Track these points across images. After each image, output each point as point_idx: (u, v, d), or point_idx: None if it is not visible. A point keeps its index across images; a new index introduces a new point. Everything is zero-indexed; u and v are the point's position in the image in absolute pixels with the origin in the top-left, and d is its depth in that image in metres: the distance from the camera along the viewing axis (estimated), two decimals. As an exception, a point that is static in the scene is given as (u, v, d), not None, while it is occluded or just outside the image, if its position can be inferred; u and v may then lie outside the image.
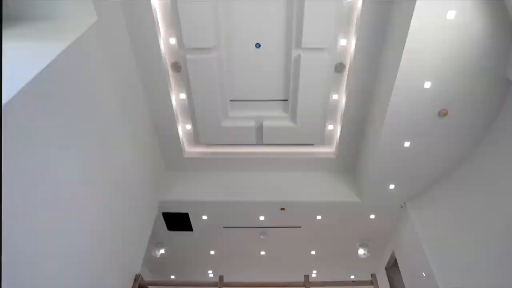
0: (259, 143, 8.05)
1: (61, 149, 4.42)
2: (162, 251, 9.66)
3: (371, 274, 6.98)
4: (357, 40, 6.31)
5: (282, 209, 8.27)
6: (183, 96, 7.29)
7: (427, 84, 5.73)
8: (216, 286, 6.95)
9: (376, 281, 6.81)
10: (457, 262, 6.43)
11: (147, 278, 9.44)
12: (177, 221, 8.77)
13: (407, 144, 6.60)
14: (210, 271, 11.13)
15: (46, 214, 4.16)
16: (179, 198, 8.24)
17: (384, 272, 9.68)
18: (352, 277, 10.83)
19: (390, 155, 6.82)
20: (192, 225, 8.90)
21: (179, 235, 9.30)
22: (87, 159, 5.07)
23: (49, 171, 4.18)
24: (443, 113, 6.03)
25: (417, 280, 7.44)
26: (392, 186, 7.58)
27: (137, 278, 6.75)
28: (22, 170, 3.69)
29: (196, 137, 7.95)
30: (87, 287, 5.14)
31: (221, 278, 7.03)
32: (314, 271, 11.03)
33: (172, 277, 11.20)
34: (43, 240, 4.11)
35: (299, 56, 6.54)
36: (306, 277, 7.12)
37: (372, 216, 8.57)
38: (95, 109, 5.26)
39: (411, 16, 5.02)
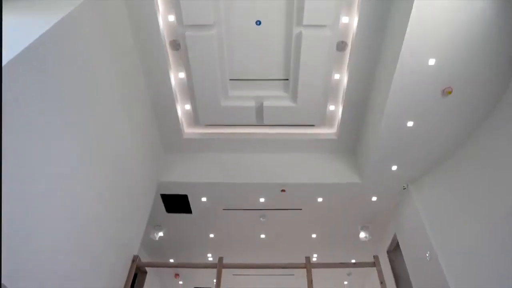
0: (260, 123, 7.94)
1: (58, 127, 4.36)
2: (160, 234, 9.59)
3: (374, 256, 6.90)
4: (359, 17, 6.16)
5: (283, 190, 8.18)
6: (182, 75, 7.16)
7: (432, 61, 5.60)
8: (215, 267, 6.87)
9: (379, 262, 6.73)
10: (460, 243, 6.36)
11: (145, 261, 9.42)
12: (176, 203, 8.69)
13: (410, 123, 6.48)
14: (209, 255, 11.08)
15: (44, 197, 4.12)
16: (178, 179, 8.15)
17: (385, 255, 9.61)
18: (353, 261, 10.80)
19: (393, 135, 6.71)
20: (191, 207, 8.83)
21: (178, 218, 9.24)
22: (84, 139, 5.00)
23: (46, 152, 4.14)
24: (447, 91, 5.90)
25: (419, 263, 7.38)
26: (394, 167, 7.49)
27: (135, 259, 6.71)
28: (21, 151, 3.69)
29: (196, 117, 7.84)
30: (86, 267, 5.10)
31: (220, 259, 6.95)
32: (315, 255, 10.97)
33: (171, 260, 11.15)
34: (42, 222, 4.07)
35: (300, 33, 6.41)
36: (307, 258, 7.03)
37: (374, 198, 8.50)
38: (92, 86, 5.16)
39: (416, -10, 4.89)
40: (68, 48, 4.49)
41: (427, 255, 6.90)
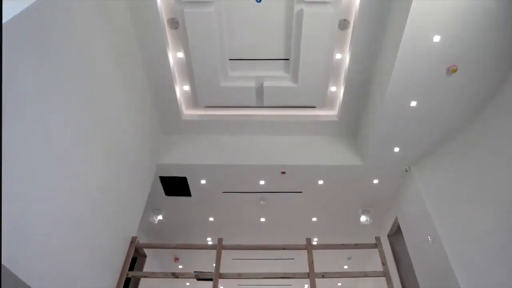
0: (260, 105, 7.81)
1: (55, 109, 4.32)
2: (160, 217, 9.51)
3: (375, 237, 6.83)
4: (362, -7, 6.01)
5: (283, 172, 8.07)
6: (180, 54, 7.01)
7: (436, 38, 5.46)
8: (215, 248, 6.79)
9: (381, 243, 6.65)
10: (463, 225, 6.30)
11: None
12: (175, 186, 8.60)
13: (413, 103, 6.36)
14: (209, 239, 11.01)
15: (42, 180, 4.10)
16: (177, 161, 8.05)
17: (386, 239, 9.54)
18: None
19: (395, 115, 6.59)
20: (191, 190, 8.74)
21: (177, 201, 9.16)
22: (81, 119, 4.91)
23: (43, 135, 4.11)
24: (452, 70, 5.77)
25: (421, 246, 7.32)
26: (396, 149, 7.38)
27: (134, 240, 6.63)
28: (18, 138, 3.69)
29: (194, 99, 7.70)
30: (85, 248, 5.04)
31: (220, 240, 6.88)
32: (315, 239, 10.89)
33: (171, 244, 11.10)
34: (40, 205, 4.05)
35: (301, 10, 6.24)
36: (308, 239, 6.96)
37: (376, 181, 8.40)
38: (87, 65, 5.06)
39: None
40: (63, 22, 4.39)
41: (429, 237, 6.83)
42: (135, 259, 10.07)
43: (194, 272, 8.20)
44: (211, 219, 10.07)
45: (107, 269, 5.85)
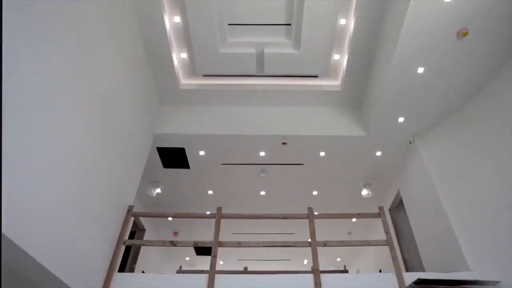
0: (260, 73, 7.60)
1: (50, 73, 4.18)
2: (158, 190, 9.32)
3: (379, 207, 6.65)
4: (369, -48, 5.76)
5: (284, 143, 7.86)
6: (177, 19, 6.75)
7: (447, -2, 5.23)
8: (214, 217, 6.63)
9: (384, 213, 6.47)
10: (468, 196, 6.18)
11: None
12: (173, 157, 8.40)
13: (420, 70, 6.14)
14: (208, 212, 10.84)
15: (41, 149, 4.03)
16: (175, 131, 7.83)
17: (388, 213, 9.39)
18: (354, 220, 10.64)
19: (401, 82, 6.38)
20: (189, 162, 8.55)
21: (176, 173, 8.99)
22: (76, 86, 4.73)
23: (40, 99, 4.00)
24: (462, 33, 5.54)
25: (424, 218, 7.21)
26: (401, 119, 7.18)
27: (131, 209, 6.46)
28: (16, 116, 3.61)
29: (192, 67, 7.49)
30: (83, 216, 4.94)
31: (219, 209, 6.71)
32: (315, 213, 10.75)
33: (169, 219, 10.95)
34: (36, 171, 3.95)
35: (305, -29, 6.00)
36: (310, 209, 6.79)
37: (378, 153, 8.22)
38: (81, 31, 4.86)
39: None
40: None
41: (434, 208, 6.69)
42: (134, 233, 9.99)
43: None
44: (210, 192, 9.91)
45: (106, 237, 5.73)
